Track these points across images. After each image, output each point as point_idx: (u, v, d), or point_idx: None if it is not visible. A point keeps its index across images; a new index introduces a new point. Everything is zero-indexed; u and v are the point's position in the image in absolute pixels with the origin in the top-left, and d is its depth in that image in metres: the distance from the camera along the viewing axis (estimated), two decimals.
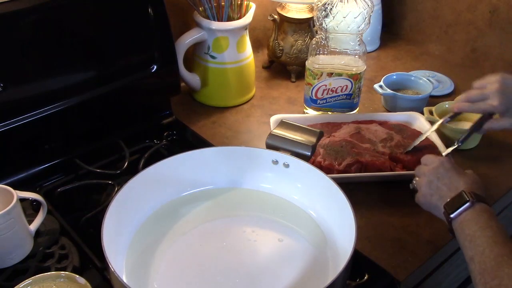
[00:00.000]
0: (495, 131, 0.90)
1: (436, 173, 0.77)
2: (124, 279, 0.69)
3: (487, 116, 0.87)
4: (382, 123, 1.04)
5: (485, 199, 0.71)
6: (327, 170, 0.90)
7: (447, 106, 1.07)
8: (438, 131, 0.98)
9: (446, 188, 0.75)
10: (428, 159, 0.82)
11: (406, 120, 1.06)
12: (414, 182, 0.83)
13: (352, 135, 0.98)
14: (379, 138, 0.98)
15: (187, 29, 1.09)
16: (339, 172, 0.91)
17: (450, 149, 0.89)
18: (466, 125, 0.95)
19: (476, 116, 0.91)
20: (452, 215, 0.70)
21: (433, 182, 0.76)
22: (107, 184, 0.91)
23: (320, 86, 1.06)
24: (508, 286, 0.59)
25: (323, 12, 0.98)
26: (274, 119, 1.03)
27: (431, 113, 1.06)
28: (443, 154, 0.89)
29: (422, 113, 1.07)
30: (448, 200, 0.72)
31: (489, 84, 0.84)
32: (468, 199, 0.70)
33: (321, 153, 0.94)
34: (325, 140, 0.97)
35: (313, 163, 0.85)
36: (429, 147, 0.96)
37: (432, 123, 1.00)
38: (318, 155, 0.94)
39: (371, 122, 1.04)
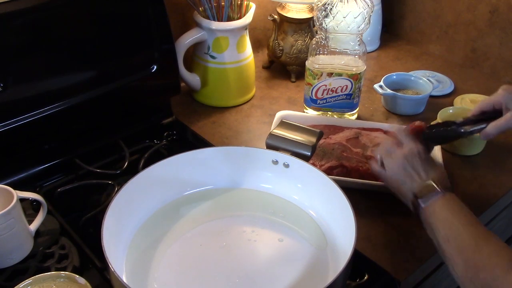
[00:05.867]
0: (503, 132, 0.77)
1: (412, 160, 0.77)
2: (124, 279, 0.69)
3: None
4: (388, 133, 1.00)
5: (452, 189, 0.73)
6: None
7: (451, 111, 1.04)
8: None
9: (417, 177, 0.76)
10: (404, 138, 0.79)
11: None
12: (379, 156, 0.81)
13: (349, 140, 0.97)
14: (373, 143, 0.96)
15: (187, 29, 1.09)
16: None
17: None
18: None
19: None
20: (423, 205, 0.72)
21: (407, 169, 0.76)
22: (107, 184, 0.91)
23: (320, 86, 1.06)
24: (486, 264, 0.62)
25: (323, 12, 0.98)
26: (279, 115, 1.03)
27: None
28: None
29: (423, 114, 1.05)
30: (417, 190, 0.74)
31: None
32: (438, 189, 0.72)
33: None
34: (320, 141, 0.96)
35: None
36: None
37: None
38: None
39: (377, 130, 1.02)
